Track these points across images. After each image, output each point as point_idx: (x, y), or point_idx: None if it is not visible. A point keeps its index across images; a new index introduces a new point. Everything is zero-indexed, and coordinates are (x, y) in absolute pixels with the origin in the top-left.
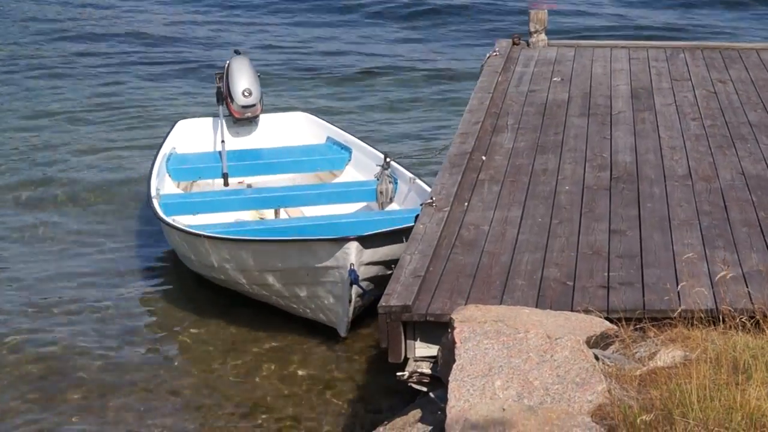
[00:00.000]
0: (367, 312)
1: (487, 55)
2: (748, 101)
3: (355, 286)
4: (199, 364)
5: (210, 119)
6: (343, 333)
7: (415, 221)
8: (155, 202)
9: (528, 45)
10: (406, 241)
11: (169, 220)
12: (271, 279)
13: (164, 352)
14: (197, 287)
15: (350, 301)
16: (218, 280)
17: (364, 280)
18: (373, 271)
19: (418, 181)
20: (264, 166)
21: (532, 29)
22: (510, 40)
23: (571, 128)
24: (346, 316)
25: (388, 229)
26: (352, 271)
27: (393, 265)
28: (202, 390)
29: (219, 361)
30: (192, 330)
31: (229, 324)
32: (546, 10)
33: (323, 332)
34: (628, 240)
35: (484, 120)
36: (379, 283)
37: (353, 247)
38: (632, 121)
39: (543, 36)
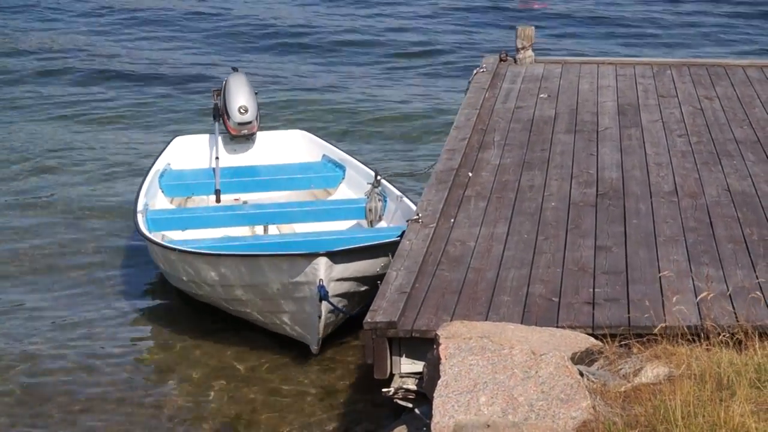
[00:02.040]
0: (352, 327)
1: (474, 71)
2: (734, 118)
3: (324, 303)
4: (183, 381)
5: (207, 136)
6: (314, 350)
7: (401, 237)
8: (139, 217)
9: (515, 61)
10: (381, 256)
11: (147, 233)
12: (243, 294)
13: (149, 368)
14: (182, 306)
15: (320, 318)
16: (196, 294)
17: (336, 296)
18: (345, 287)
19: (404, 198)
20: (258, 183)
21: (519, 45)
22: (497, 57)
23: (558, 145)
24: (317, 333)
25: (358, 245)
26: (321, 287)
27: (367, 281)
28: (184, 407)
29: (203, 378)
30: (176, 347)
31: (213, 342)
32: (533, 27)
33: (307, 349)
34: (613, 256)
35: (471, 136)
36: (353, 299)
37: (322, 262)
38: (619, 138)
39: (530, 52)
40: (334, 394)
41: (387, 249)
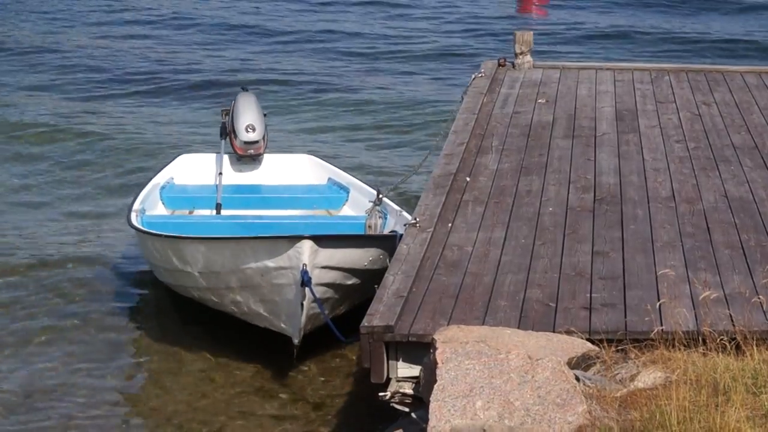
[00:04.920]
0: (348, 332)
1: (473, 76)
2: (732, 124)
3: (307, 290)
4: (174, 389)
5: (213, 155)
6: (296, 340)
7: (392, 233)
8: (133, 215)
9: (513, 66)
10: (369, 247)
11: (134, 222)
12: (225, 282)
13: (138, 377)
14: (173, 314)
15: (303, 306)
16: (179, 287)
17: (320, 285)
18: (330, 276)
19: (403, 213)
20: (260, 200)
21: (518, 51)
22: (495, 62)
23: (556, 150)
24: (299, 323)
25: (345, 233)
26: (304, 272)
27: (354, 274)
28: (181, 411)
29: (194, 386)
30: (166, 355)
31: (205, 350)
32: (532, 33)
33: (303, 354)
34: (610, 261)
35: (469, 141)
36: (338, 293)
37: (306, 245)
38: (616, 143)
39: (528, 57)
40: (331, 398)
41: (376, 242)
